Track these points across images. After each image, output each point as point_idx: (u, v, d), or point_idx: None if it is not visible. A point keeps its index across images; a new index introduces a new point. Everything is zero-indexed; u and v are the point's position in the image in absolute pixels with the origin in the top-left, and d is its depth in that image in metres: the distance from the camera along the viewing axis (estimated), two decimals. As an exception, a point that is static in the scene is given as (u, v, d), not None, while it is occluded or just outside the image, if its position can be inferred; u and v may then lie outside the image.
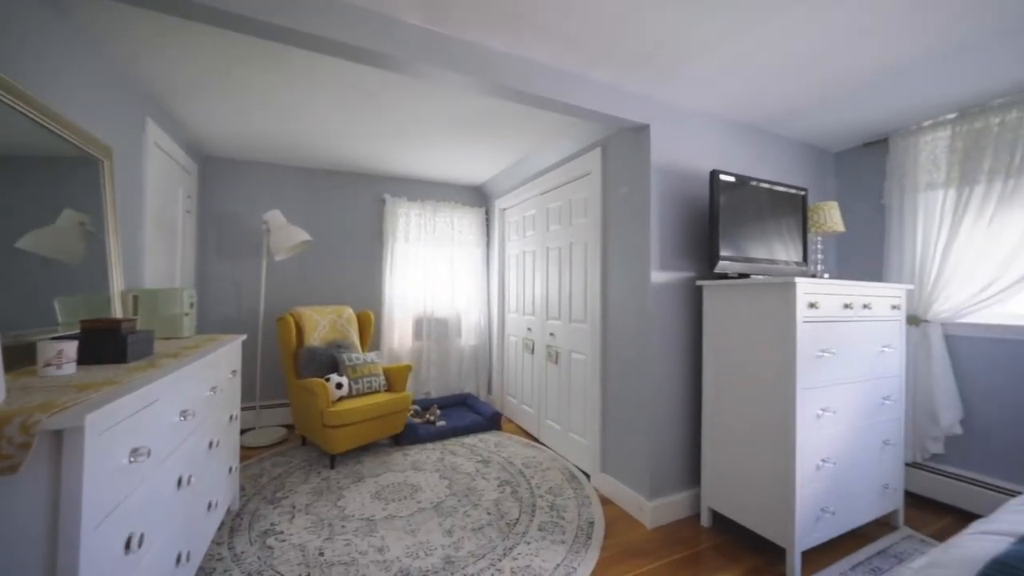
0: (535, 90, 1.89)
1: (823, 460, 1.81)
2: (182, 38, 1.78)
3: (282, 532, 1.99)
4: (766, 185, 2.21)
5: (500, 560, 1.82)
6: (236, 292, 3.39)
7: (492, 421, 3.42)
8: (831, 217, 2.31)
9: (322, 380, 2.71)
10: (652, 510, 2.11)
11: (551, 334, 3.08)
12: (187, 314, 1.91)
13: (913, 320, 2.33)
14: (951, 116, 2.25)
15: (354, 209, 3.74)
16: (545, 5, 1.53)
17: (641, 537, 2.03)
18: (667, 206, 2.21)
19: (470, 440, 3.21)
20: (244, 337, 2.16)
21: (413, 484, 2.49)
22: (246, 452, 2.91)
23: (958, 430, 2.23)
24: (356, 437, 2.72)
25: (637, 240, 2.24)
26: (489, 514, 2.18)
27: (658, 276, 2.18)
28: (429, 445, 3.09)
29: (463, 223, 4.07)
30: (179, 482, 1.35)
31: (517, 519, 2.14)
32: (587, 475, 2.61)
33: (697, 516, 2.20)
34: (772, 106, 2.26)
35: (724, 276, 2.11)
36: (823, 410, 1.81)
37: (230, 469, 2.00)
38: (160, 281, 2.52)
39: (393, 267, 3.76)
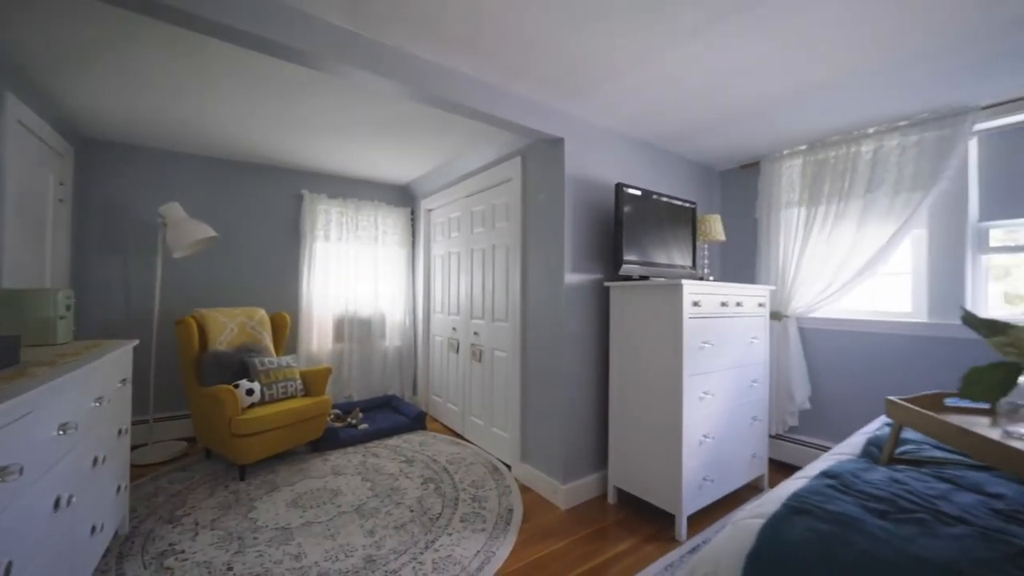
0: (458, 99, 1.97)
1: (704, 436, 2.11)
2: (50, 1, 1.59)
3: (183, 551, 1.85)
4: (664, 198, 2.50)
5: (422, 553, 1.87)
6: (125, 293, 3.03)
7: (417, 421, 3.43)
8: (715, 228, 2.68)
9: (229, 387, 2.54)
10: (565, 493, 2.30)
11: (475, 333, 3.18)
12: (63, 317, 1.71)
13: (776, 315, 2.78)
14: (803, 147, 2.73)
15: (268, 204, 3.52)
16: (464, 19, 1.62)
17: (556, 518, 2.20)
18: (579, 213, 2.42)
19: (394, 441, 3.20)
20: (136, 343, 1.97)
21: (333, 489, 2.44)
22: (138, 470, 2.62)
23: (807, 405, 2.72)
24: (270, 445, 2.59)
25: (553, 244, 2.41)
26: (412, 511, 2.22)
27: (571, 278, 2.37)
28: (351, 449, 3.03)
29: (388, 222, 4.01)
30: (57, 503, 1.23)
31: (440, 513, 2.20)
32: (508, 466, 2.75)
33: (605, 495, 2.43)
34: (669, 129, 2.57)
35: (628, 278, 2.36)
36: (705, 393, 2.12)
37: (119, 488, 1.82)
38: (25, 279, 2.19)
39: (312, 266, 3.60)
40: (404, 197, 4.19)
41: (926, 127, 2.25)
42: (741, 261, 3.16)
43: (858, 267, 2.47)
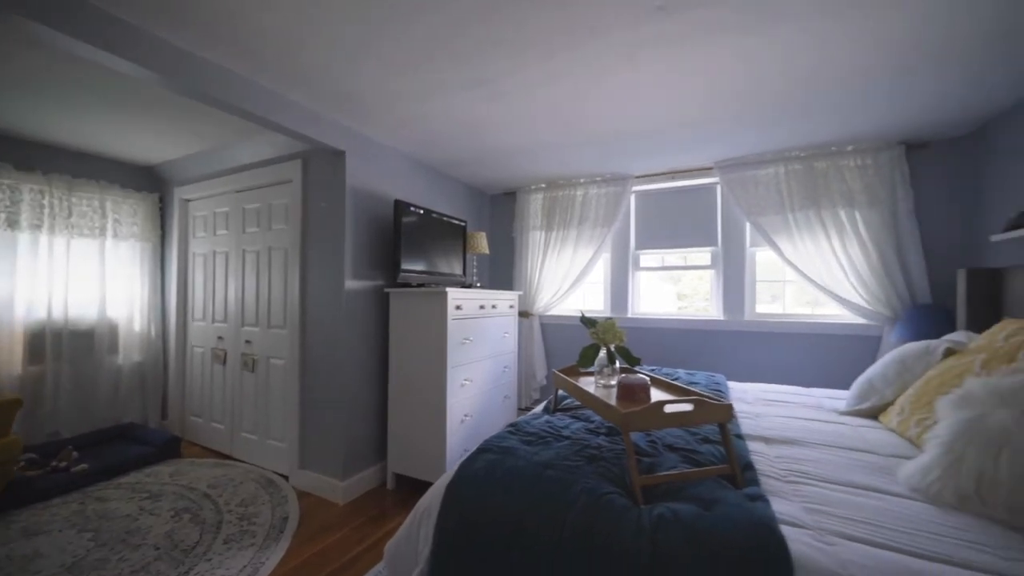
0: (231, 99, 1.88)
1: (465, 415, 2.59)
2: None
3: None
4: (437, 215, 2.90)
5: (170, 586, 1.72)
6: None
7: (167, 449, 2.94)
8: (481, 243, 3.25)
9: None
10: (344, 489, 2.43)
11: (247, 342, 2.95)
12: None
13: (524, 314, 3.56)
14: (543, 185, 3.58)
15: None
16: (237, 23, 1.60)
17: (334, 514, 2.32)
18: (361, 223, 2.58)
19: (132, 478, 2.67)
20: None
21: (25, 555, 1.92)
22: None
23: (544, 382, 3.59)
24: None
25: (335, 251, 2.51)
26: (157, 549, 1.97)
27: (353, 284, 2.52)
28: (59, 500, 2.39)
29: (124, 210, 3.26)
30: None
31: (197, 541, 2.03)
32: (286, 477, 2.69)
33: (385, 483, 2.67)
34: (446, 155, 2.98)
35: (407, 285, 2.66)
36: (466, 380, 2.59)
37: None
38: None
39: (-18, 264, 2.64)
40: (150, 181, 3.46)
41: (608, 184, 3.31)
42: (504, 271, 3.88)
43: (575, 277, 3.41)
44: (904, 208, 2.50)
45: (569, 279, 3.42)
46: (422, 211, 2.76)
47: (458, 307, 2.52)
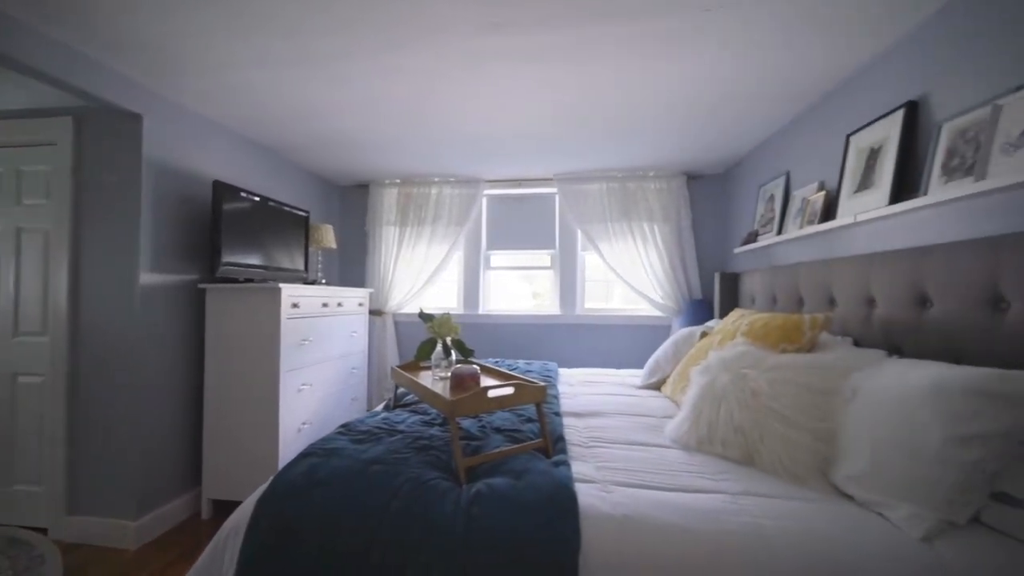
0: None
1: (303, 423, 2.38)
2: None
3: None
4: (275, 204, 2.60)
5: None
6: None
7: None
8: (326, 236, 3.03)
9: None
10: (138, 530, 2.00)
11: (-21, 355, 2.18)
12: None
13: (376, 312, 3.44)
14: (398, 181, 3.51)
15: None
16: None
17: (121, 564, 1.89)
18: (167, 205, 2.16)
19: None
20: None
21: None
22: None
23: (399, 381, 3.53)
24: None
25: (125, 237, 2.04)
26: None
27: (152, 278, 2.09)
28: None
29: None
30: None
31: None
32: (44, 530, 2.08)
33: (199, 513, 2.28)
34: (281, 138, 2.69)
35: (233, 280, 2.31)
36: (304, 384, 2.39)
37: None
38: None
39: None
40: None
41: (462, 186, 3.42)
42: (356, 267, 3.68)
43: (429, 274, 3.43)
44: (686, 224, 3.21)
45: (423, 276, 3.43)
46: (257, 198, 2.45)
47: (295, 305, 2.31)
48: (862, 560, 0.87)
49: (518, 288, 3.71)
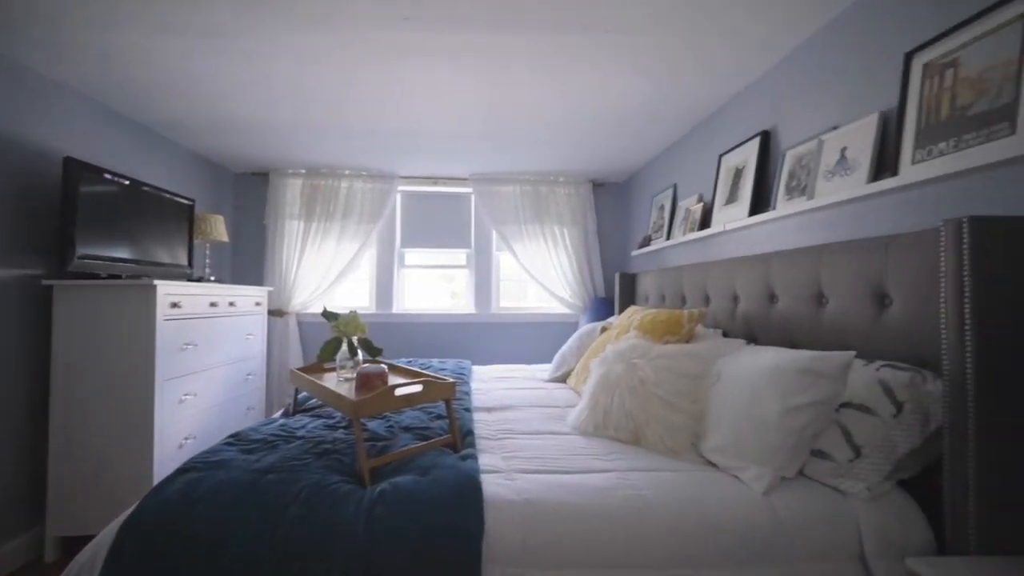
0: None
1: (186, 438, 2.12)
2: None
3: None
4: (151, 189, 2.27)
5: None
6: None
7: None
8: (216, 228, 2.72)
9: None
10: (-47, 578, 1.63)
11: None
12: None
13: (277, 312, 3.18)
14: (303, 171, 3.27)
15: None
16: None
17: (-74, 623, 1.52)
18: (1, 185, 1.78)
19: None
20: None
21: None
22: None
23: (303, 386, 3.29)
24: None
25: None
26: None
27: (-27, 274, 1.70)
28: None
29: None
30: None
31: None
32: None
33: (42, 556, 1.90)
34: (159, 114, 2.35)
35: (93, 276, 1.96)
36: (187, 395, 2.12)
37: None
38: None
39: None
40: None
41: (375, 180, 3.30)
42: (253, 264, 3.35)
43: (339, 272, 3.25)
44: (592, 228, 3.46)
45: (332, 274, 3.24)
46: (127, 181, 2.12)
47: (175, 304, 2.04)
48: (719, 513, 1.03)
49: (436, 287, 3.68)
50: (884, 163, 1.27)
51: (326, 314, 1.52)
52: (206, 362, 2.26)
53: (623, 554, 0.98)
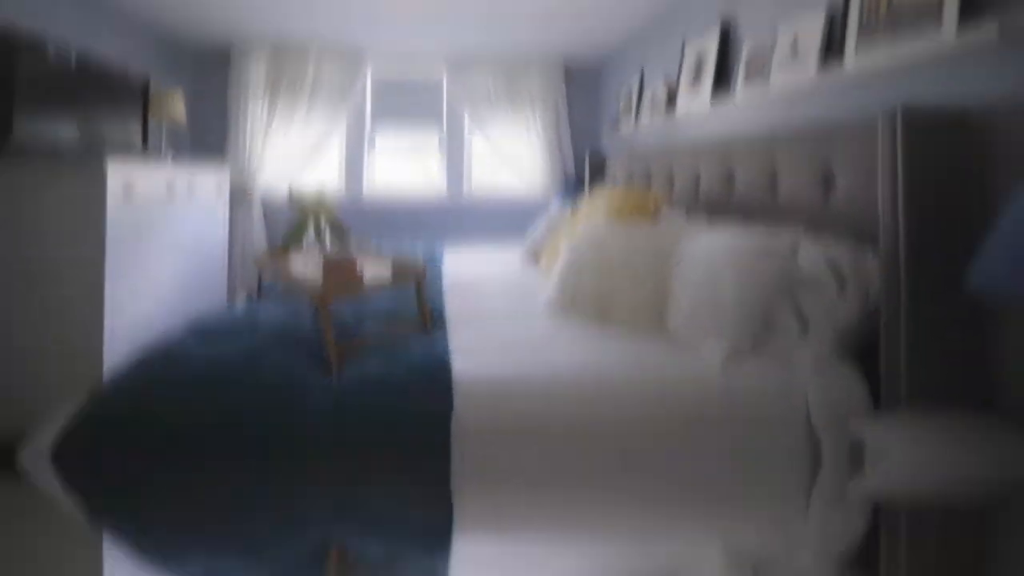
0: None
1: (139, 333, 1.85)
2: None
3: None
4: (99, 64, 1.98)
5: None
6: None
7: None
8: (174, 107, 2.42)
9: None
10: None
11: None
12: None
13: (240, 195, 2.98)
14: (268, 48, 2.94)
15: None
16: None
17: None
18: None
19: None
20: None
21: None
22: None
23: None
24: None
25: None
26: None
27: None
28: None
29: None
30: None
31: None
32: None
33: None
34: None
35: (31, 153, 1.76)
36: (141, 285, 1.95)
37: None
38: None
39: None
40: None
41: (344, 59, 3.03)
42: (215, 147, 3.08)
43: (306, 153, 3.04)
44: (563, 112, 3.43)
45: (298, 155, 3.03)
46: (72, 55, 1.83)
47: (129, 185, 1.88)
48: (678, 384, 1.08)
49: (407, 169, 3.51)
50: (832, 55, 1.35)
51: (291, 194, 1.42)
52: (160, 254, 2.11)
53: (585, 425, 1.01)
